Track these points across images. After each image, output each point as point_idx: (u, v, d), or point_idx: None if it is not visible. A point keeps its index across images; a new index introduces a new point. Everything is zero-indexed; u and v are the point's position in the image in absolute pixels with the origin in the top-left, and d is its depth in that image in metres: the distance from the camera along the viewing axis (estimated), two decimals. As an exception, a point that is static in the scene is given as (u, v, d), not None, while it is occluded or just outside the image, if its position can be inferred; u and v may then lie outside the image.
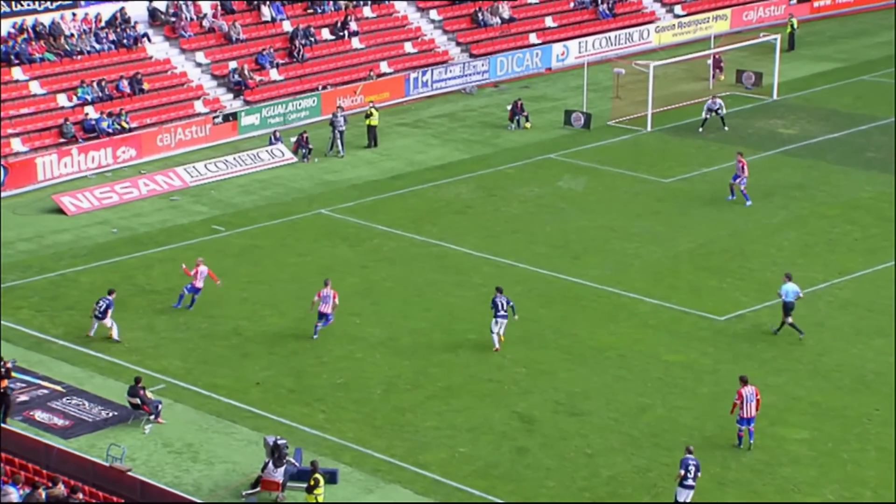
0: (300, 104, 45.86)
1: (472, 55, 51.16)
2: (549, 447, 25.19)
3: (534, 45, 52.12)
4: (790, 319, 28.86)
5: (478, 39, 51.80)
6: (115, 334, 29.30)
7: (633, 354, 28.71)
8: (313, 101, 46.11)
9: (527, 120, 45.34)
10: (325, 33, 49.37)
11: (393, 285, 32.63)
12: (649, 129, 44.11)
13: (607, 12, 54.22)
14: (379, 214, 37.44)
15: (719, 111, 43.38)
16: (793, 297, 28.78)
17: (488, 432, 25.61)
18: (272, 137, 43.22)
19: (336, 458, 24.81)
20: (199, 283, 30.70)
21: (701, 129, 43.25)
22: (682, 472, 22.19)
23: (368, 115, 43.76)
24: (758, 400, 24.38)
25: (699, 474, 22.46)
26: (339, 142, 42.99)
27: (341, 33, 49.49)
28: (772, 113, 45.56)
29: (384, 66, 49.16)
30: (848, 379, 27.38)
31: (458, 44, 51.71)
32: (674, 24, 54.66)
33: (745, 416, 24.38)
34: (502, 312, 28.45)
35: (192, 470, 24.53)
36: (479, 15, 52.31)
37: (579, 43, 52.30)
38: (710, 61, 49.01)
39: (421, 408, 26.67)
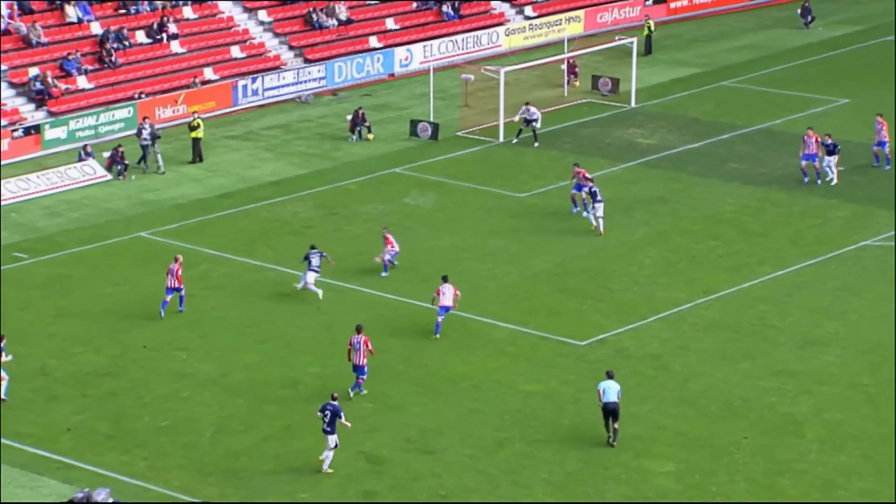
0: (113, 115, 45.01)
1: (306, 60, 51.11)
2: (400, 489, 25.25)
3: (374, 49, 52.42)
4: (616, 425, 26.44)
5: (313, 43, 51.81)
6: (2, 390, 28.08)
7: (489, 385, 29.04)
8: (128, 112, 45.32)
9: (369, 131, 45.52)
10: (141, 36, 48.59)
11: (223, 315, 32.27)
12: (502, 139, 44.84)
13: (453, 14, 54.96)
14: (206, 237, 36.99)
15: (535, 122, 44.10)
16: (615, 398, 26.42)
17: (332, 475, 25.52)
18: (82, 153, 42.32)
19: (161, 512, 24.33)
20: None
21: (515, 140, 43.89)
22: (320, 415, 25.64)
23: (193, 128, 43.28)
24: (370, 350, 28.04)
25: (339, 419, 25.41)
26: (158, 156, 42.36)
27: (159, 36, 48.79)
28: (630, 122, 46.92)
29: (209, 73, 48.66)
30: (715, 405, 28.29)
31: (291, 48, 51.61)
32: (525, 27, 55.78)
33: (357, 363, 28.00)
34: (316, 266, 32.11)
35: (-7, 532, 23.68)
36: (314, 16, 52.34)
37: (424, 47, 52.84)
38: (564, 66, 50.16)
39: (257, 451, 26.41)
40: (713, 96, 49.81)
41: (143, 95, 46.36)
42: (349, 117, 45.92)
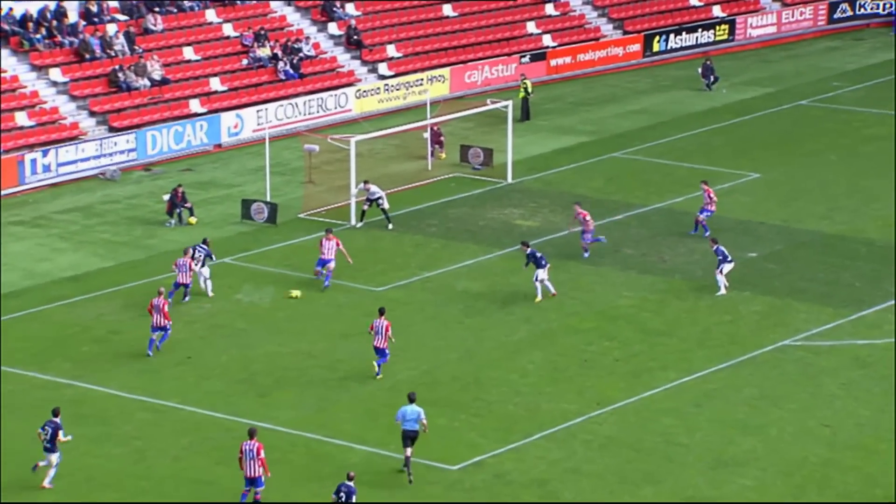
0: None
1: (112, 129, 50.74)
2: None
3: (197, 114, 52.30)
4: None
5: (119, 108, 51.52)
6: (47, 480, 29.63)
7: (343, 522, 28.71)
8: None
9: (191, 213, 45.19)
10: None
11: (6, 446, 31.40)
12: (354, 223, 44.91)
13: (292, 72, 55.21)
14: (-14, 346, 36.10)
15: (380, 202, 44.39)
16: (416, 425, 30.00)
17: None
18: None
19: None
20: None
21: (360, 224, 44.13)
22: (335, 496, 27.78)
23: (-31, 211, 42.41)
24: (261, 460, 28.58)
25: (350, 500, 27.47)
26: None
27: (-72, 99, 47.88)
28: (507, 200, 47.49)
29: (-9, 144, 47.89)
30: (615, 539, 28.46)
31: (93, 114, 51.21)
32: (379, 88, 56.36)
33: (249, 475, 28.66)
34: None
35: None
36: (121, 75, 52.03)
37: (257, 111, 52.94)
38: (426, 134, 50.69)
39: None
40: (603, 170, 50.78)
41: None
42: (166, 197, 45.55)
